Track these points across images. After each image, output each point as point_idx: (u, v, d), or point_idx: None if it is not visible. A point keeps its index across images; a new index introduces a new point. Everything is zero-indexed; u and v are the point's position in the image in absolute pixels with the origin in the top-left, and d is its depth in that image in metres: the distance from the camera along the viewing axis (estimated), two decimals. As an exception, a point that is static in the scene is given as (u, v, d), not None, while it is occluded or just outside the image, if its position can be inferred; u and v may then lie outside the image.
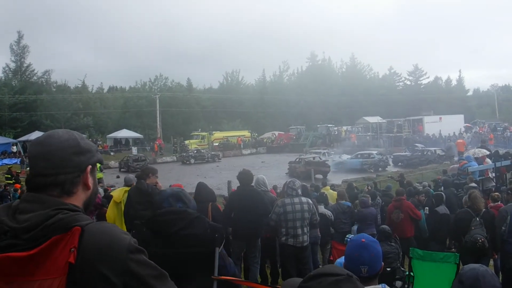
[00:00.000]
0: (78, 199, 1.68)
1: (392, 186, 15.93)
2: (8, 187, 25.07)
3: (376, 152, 39.26)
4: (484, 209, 8.01)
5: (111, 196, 8.84)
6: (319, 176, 30.35)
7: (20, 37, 62.66)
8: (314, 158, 35.40)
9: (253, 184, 8.91)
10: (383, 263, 2.82)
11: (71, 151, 1.66)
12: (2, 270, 1.48)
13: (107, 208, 10.16)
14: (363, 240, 2.82)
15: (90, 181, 1.73)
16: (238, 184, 8.02)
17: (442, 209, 10.31)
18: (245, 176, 7.94)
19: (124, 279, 1.52)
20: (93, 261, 1.48)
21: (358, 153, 39.61)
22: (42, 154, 1.66)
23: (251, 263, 7.90)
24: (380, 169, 35.51)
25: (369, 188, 14.53)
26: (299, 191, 7.88)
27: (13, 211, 1.59)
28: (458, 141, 38.12)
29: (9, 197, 22.87)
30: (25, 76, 63.58)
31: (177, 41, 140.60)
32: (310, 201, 7.96)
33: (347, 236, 9.71)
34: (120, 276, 1.51)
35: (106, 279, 1.49)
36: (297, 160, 35.41)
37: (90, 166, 1.71)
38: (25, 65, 63.75)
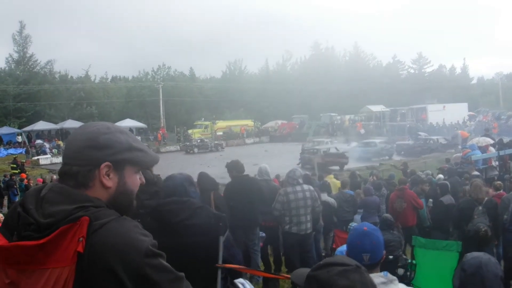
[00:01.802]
0: (98, 194, 1.65)
1: (395, 174, 15.93)
2: (14, 177, 25.25)
3: (379, 141, 38.97)
4: (486, 198, 8.02)
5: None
6: (335, 167, 29.54)
7: (22, 27, 62.48)
8: (329, 149, 34.37)
9: (255, 173, 8.96)
10: (385, 251, 2.84)
11: (85, 144, 1.65)
12: (13, 258, 1.52)
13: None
14: (365, 228, 2.85)
15: (110, 180, 1.67)
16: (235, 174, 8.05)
17: (448, 199, 10.30)
18: (236, 165, 7.98)
19: (137, 282, 1.52)
20: (108, 258, 1.50)
21: (364, 141, 39.47)
22: (66, 142, 1.74)
23: (252, 251, 7.95)
24: (387, 157, 35.38)
25: (374, 178, 14.49)
26: (300, 180, 7.94)
27: (41, 200, 1.60)
28: (462, 131, 38.13)
29: (15, 186, 23.03)
30: (28, 67, 63.42)
31: (179, 30, 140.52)
32: (311, 188, 8.05)
33: (350, 224, 9.77)
34: (134, 280, 1.52)
35: (116, 277, 1.50)
36: (313, 150, 34.17)
37: (107, 163, 1.65)
38: (28, 55, 63.61)
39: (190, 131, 57.01)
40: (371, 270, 2.58)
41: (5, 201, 22.53)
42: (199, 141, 49.02)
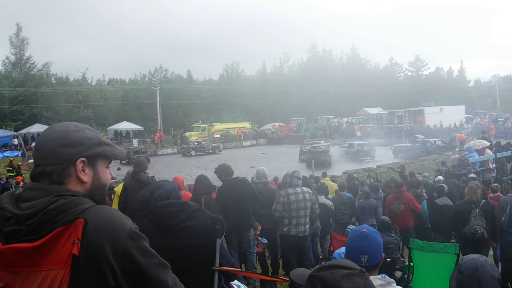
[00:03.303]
0: (74, 189, 1.68)
1: (396, 177, 15.94)
2: (10, 180, 25.18)
3: (357, 142, 40.19)
4: (483, 200, 8.03)
5: (113, 187, 8.86)
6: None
7: (19, 29, 62.48)
8: (315, 147, 36.44)
9: (254, 176, 8.96)
10: (383, 254, 2.84)
11: (57, 143, 1.67)
12: (7, 261, 1.51)
13: (111, 200, 10.22)
14: (364, 230, 2.85)
15: (86, 175, 1.71)
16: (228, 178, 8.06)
17: (443, 200, 10.31)
18: (224, 169, 7.99)
19: (123, 262, 1.55)
20: (96, 248, 1.51)
21: (347, 142, 41.18)
22: (36, 145, 1.74)
23: (247, 253, 7.95)
24: (369, 158, 36.92)
25: (371, 180, 14.50)
26: (300, 182, 7.97)
27: (16, 199, 1.62)
28: (459, 134, 38.22)
29: (11, 189, 22.88)
30: (25, 69, 63.42)
31: (176, 33, 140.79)
32: (310, 190, 8.07)
33: (348, 227, 9.77)
34: (119, 259, 1.54)
35: (105, 260, 1.52)
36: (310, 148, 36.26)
37: (82, 159, 1.69)
38: (24, 57, 63.59)
39: (187, 134, 57.01)
40: (370, 272, 2.58)
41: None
42: (196, 143, 48.97)
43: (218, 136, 57.90)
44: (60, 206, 1.55)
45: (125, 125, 60.12)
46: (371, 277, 2.61)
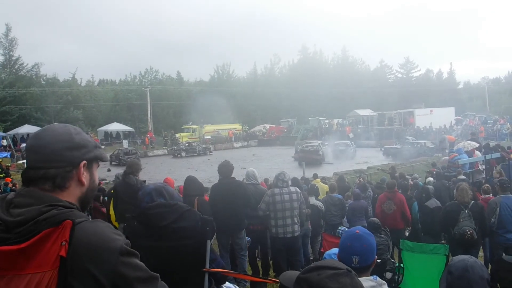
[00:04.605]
0: (72, 194, 1.67)
1: (387, 178, 15.99)
2: (-1, 181, 25.00)
3: (336, 142, 42.33)
4: (472, 201, 8.07)
5: (103, 189, 8.83)
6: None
7: (8, 29, 62.02)
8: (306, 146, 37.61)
9: (244, 177, 8.94)
10: (376, 257, 2.84)
11: (63, 146, 1.65)
12: None
13: (99, 202, 10.19)
14: (357, 231, 2.87)
15: (85, 177, 1.71)
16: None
17: (433, 203, 10.36)
18: (224, 169, 7.96)
19: (113, 280, 1.52)
20: (83, 259, 1.48)
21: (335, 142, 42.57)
22: (34, 147, 1.67)
23: (238, 255, 7.93)
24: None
25: (361, 180, 14.56)
26: (290, 182, 7.96)
27: (7, 204, 1.58)
28: (449, 136, 38.45)
29: (0, 190, 22.79)
30: (14, 69, 62.97)
31: (167, 34, 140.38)
32: (298, 190, 8.02)
33: (339, 228, 9.78)
34: (108, 278, 1.51)
35: (94, 277, 1.49)
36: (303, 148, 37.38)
37: (84, 162, 1.69)
38: (14, 58, 63.16)
39: (177, 135, 56.93)
40: (361, 273, 2.58)
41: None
42: (186, 145, 48.91)
43: (209, 137, 57.88)
44: (51, 217, 1.51)
45: (115, 126, 59.89)
46: (362, 279, 2.62)
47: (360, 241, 2.78)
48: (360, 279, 1.74)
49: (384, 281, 2.74)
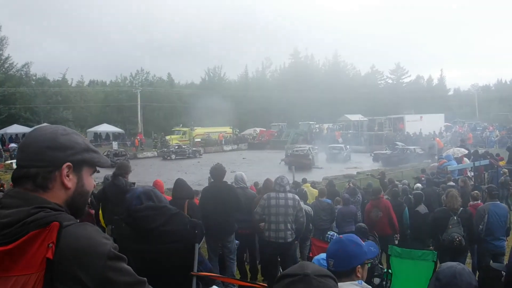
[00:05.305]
0: (57, 196, 1.63)
1: (373, 183, 16.04)
2: (-14, 181, 24.76)
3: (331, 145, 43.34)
4: (461, 208, 8.11)
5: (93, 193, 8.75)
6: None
7: (-2, 28, 61.61)
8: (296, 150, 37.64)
9: (232, 181, 8.90)
10: (359, 265, 2.84)
11: (46, 145, 1.63)
12: None
13: (88, 203, 10.11)
14: (341, 236, 2.97)
15: (70, 180, 1.66)
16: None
17: (423, 208, 10.42)
18: (216, 172, 7.93)
19: (100, 285, 1.51)
20: (70, 262, 1.46)
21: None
22: (21, 146, 1.67)
23: (227, 258, 7.90)
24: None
25: (350, 185, 14.59)
26: (287, 188, 7.89)
27: None
28: (437, 139, 38.73)
29: (-13, 190, 22.55)
30: (4, 69, 62.48)
31: (159, 36, 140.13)
32: (296, 197, 7.93)
33: (328, 233, 9.79)
34: (96, 282, 1.50)
35: (80, 281, 1.47)
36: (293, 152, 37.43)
37: (68, 164, 1.64)
38: (3, 57, 62.70)
39: (168, 137, 56.78)
40: (340, 278, 2.58)
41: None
42: (176, 147, 48.78)
43: (199, 140, 57.78)
44: (39, 219, 1.49)
45: (105, 128, 59.65)
46: (346, 283, 2.64)
47: (338, 245, 2.86)
48: (343, 283, 1.73)
49: (369, 286, 2.75)
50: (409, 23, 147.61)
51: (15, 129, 50.00)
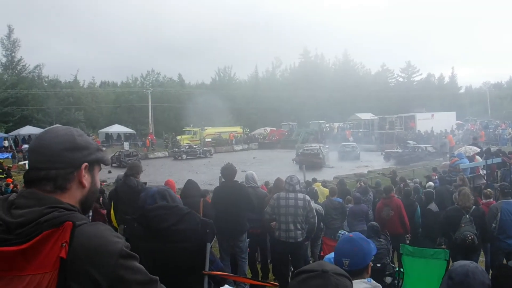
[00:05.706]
0: (73, 196, 1.67)
1: (381, 182, 15.97)
2: (0, 182, 24.98)
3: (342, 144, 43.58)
4: (474, 206, 8.05)
5: (103, 190, 8.85)
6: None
7: (11, 31, 62.11)
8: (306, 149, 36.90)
9: (243, 180, 8.90)
10: (370, 263, 2.85)
11: (64, 147, 1.65)
12: None
13: (98, 203, 10.21)
14: (351, 235, 2.95)
15: (86, 179, 1.71)
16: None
17: (434, 206, 10.37)
18: (227, 172, 7.94)
19: (112, 283, 1.52)
20: (83, 261, 1.48)
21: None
22: (36, 147, 1.68)
23: (239, 258, 7.90)
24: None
25: (362, 184, 14.54)
26: (297, 187, 7.85)
27: (9, 205, 1.58)
28: (449, 136, 38.52)
29: (1, 191, 22.77)
30: (16, 71, 62.99)
31: (169, 36, 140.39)
32: (307, 197, 7.86)
33: (339, 232, 9.76)
34: (108, 280, 1.51)
35: (93, 280, 1.49)
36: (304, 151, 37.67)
37: (86, 164, 1.69)
38: (16, 59, 63.20)
39: (178, 137, 56.89)
40: (354, 276, 2.58)
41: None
42: (187, 147, 48.84)
43: (210, 140, 57.84)
44: (52, 219, 1.51)
45: (116, 128, 59.86)
46: (356, 281, 2.64)
47: (351, 244, 2.86)
48: (354, 281, 1.75)
49: (379, 284, 2.76)
50: (420, 21, 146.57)
51: (28, 130, 50.32)
